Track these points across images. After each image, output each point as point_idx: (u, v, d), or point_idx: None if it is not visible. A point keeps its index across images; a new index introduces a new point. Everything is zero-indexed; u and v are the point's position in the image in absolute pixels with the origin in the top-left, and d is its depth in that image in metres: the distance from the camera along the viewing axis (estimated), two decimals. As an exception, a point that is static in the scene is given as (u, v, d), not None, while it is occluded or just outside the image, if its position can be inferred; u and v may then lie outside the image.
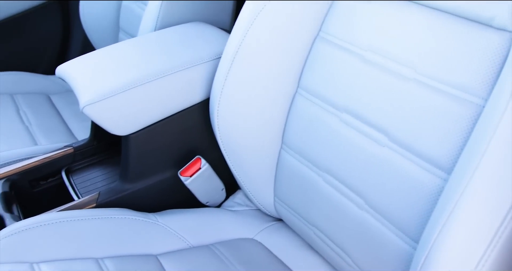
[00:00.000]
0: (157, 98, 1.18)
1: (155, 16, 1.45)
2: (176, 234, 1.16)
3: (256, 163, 1.16)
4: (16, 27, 2.10)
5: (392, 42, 0.92)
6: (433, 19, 0.87)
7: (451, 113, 0.82)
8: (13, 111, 1.73)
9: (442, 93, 0.83)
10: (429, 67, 0.86)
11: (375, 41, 0.95)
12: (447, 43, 0.84)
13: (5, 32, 2.08)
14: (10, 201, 1.28)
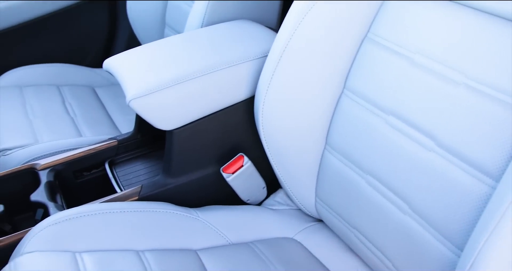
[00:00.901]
0: (202, 94, 1.18)
1: (202, 13, 1.46)
2: (216, 230, 1.16)
3: (299, 162, 1.16)
4: (65, 21, 2.13)
5: (442, 45, 0.91)
6: (485, 23, 0.85)
7: (501, 120, 0.80)
8: (59, 103, 1.76)
9: (492, 99, 0.82)
10: (480, 72, 0.84)
11: (424, 44, 0.94)
12: (498, 48, 0.83)
13: (54, 25, 2.12)
14: (54, 191, 1.30)
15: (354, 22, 1.06)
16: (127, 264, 1.03)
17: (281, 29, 1.12)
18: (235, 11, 1.48)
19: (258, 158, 1.25)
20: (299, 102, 1.12)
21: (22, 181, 1.34)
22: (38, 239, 1.06)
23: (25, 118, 1.65)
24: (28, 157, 1.45)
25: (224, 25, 1.40)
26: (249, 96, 1.23)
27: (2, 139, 1.54)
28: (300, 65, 1.10)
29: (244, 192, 1.26)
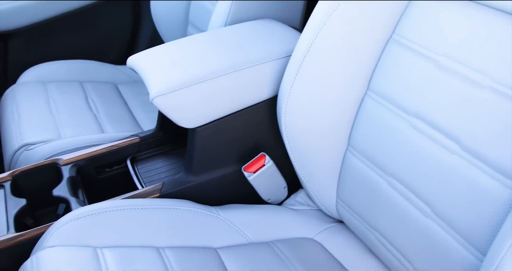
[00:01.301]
0: (226, 93, 1.18)
1: (226, 12, 1.46)
2: (237, 229, 1.16)
3: (320, 162, 1.16)
4: (89, 18, 2.15)
5: (468, 48, 0.90)
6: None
7: (528, 124, 0.80)
8: (82, 99, 1.77)
9: (519, 102, 0.81)
10: (506, 75, 0.83)
11: (450, 46, 0.93)
12: (526, 51, 0.82)
13: (78, 21, 2.14)
14: (76, 186, 1.31)
15: (379, 23, 1.06)
16: (148, 260, 1.03)
17: (306, 29, 1.12)
18: (259, 10, 1.48)
19: (280, 157, 1.25)
20: (322, 102, 1.12)
21: (44, 175, 1.35)
22: (60, 233, 1.07)
23: (48, 113, 1.67)
24: (50, 152, 1.46)
25: (248, 24, 1.40)
26: (272, 95, 1.22)
27: (26, 133, 1.55)
28: (324, 66, 1.09)
29: (265, 191, 1.26)
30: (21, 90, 1.81)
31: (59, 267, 0.99)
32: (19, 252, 1.13)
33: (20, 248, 1.14)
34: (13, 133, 1.58)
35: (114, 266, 1.01)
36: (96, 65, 2.04)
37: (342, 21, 1.06)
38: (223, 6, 1.47)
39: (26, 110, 1.69)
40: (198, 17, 1.76)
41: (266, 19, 1.44)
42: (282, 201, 1.31)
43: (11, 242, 1.14)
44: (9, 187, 1.29)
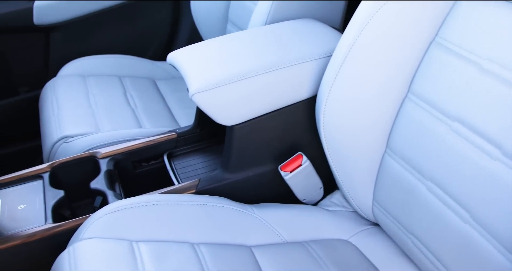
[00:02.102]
0: (265, 91, 1.18)
1: (267, 11, 1.46)
2: (271, 227, 1.16)
3: (358, 164, 1.15)
4: (130, 13, 2.17)
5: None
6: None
7: None
8: (120, 93, 1.79)
9: None
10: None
11: (494, 51, 0.92)
12: None
13: (118, 17, 2.16)
14: (113, 179, 1.33)
15: (422, 25, 1.04)
16: (182, 256, 1.04)
17: (347, 29, 1.11)
18: (299, 10, 1.47)
19: (317, 157, 1.24)
20: (362, 103, 1.11)
21: (82, 168, 1.37)
22: (96, 226, 1.09)
23: (87, 107, 1.69)
24: (89, 145, 1.48)
25: (288, 24, 1.40)
26: (311, 95, 1.22)
27: (65, 126, 1.58)
28: (364, 67, 1.09)
29: (301, 191, 1.25)
30: (61, 83, 1.84)
31: (95, 259, 1.00)
32: (56, 243, 1.15)
33: (57, 239, 1.16)
34: (53, 125, 1.61)
35: (149, 260, 1.02)
36: (135, 61, 2.05)
37: (385, 22, 1.05)
38: (264, 5, 1.48)
39: (65, 103, 1.71)
40: (238, 16, 1.77)
41: (306, 19, 1.43)
42: (318, 202, 1.31)
43: (48, 233, 1.16)
44: (48, 178, 1.31)
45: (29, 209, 1.23)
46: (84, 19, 2.10)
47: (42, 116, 1.74)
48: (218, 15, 1.87)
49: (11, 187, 1.31)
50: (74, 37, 2.14)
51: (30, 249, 1.15)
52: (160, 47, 2.27)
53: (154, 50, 2.26)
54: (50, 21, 2.04)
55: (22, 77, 2.17)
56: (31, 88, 2.18)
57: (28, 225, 1.18)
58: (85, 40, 2.16)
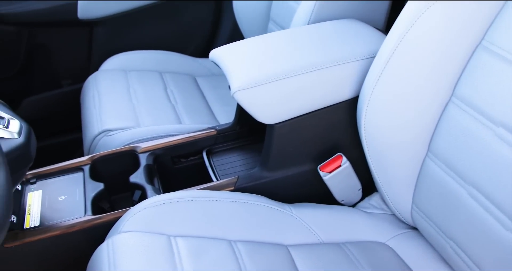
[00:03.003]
0: (307, 91, 1.18)
1: (310, 10, 1.45)
2: (309, 227, 1.16)
3: (398, 167, 1.14)
4: (172, 10, 2.19)
5: None
6: None
7: None
8: (161, 89, 1.81)
9: None
10: None
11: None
12: None
13: (161, 13, 2.18)
14: (152, 174, 1.34)
15: (469, 27, 1.03)
16: (219, 252, 1.05)
17: (392, 29, 1.10)
18: (342, 10, 1.46)
19: (356, 159, 1.23)
20: (404, 106, 1.09)
21: (122, 162, 1.38)
22: (135, 219, 1.10)
23: (128, 101, 1.70)
24: (129, 139, 1.49)
25: (331, 24, 1.39)
26: (353, 96, 1.21)
27: (106, 120, 1.59)
28: (408, 69, 1.07)
29: (339, 192, 1.25)
30: (103, 77, 1.86)
31: (133, 252, 1.02)
32: (95, 235, 1.17)
33: (96, 231, 1.17)
34: (94, 119, 1.63)
35: (186, 255, 1.03)
36: (176, 57, 2.07)
37: (431, 23, 1.03)
38: (307, 4, 1.47)
39: (107, 97, 1.73)
40: (280, 14, 1.76)
41: (349, 19, 1.42)
42: (356, 203, 1.30)
43: (88, 224, 1.17)
44: (88, 171, 1.33)
45: (69, 200, 1.25)
46: (127, 15, 2.12)
47: (83, 110, 1.77)
48: (260, 13, 1.87)
49: (52, 178, 1.33)
50: (117, 32, 2.16)
51: (69, 240, 1.17)
52: (201, 44, 2.28)
53: (195, 47, 2.27)
54: (94, 16, 2.07)
55: (65, 71, 2.21)
56: (73, 82, 2.21)
57: (68, 216, 1.20)
58: (128, 35, 2.18)
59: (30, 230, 1.17)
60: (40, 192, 1.28)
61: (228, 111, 1.71)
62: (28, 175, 1.33)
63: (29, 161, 1.16)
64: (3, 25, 2.03)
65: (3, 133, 1.11)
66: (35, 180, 1.32)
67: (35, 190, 1.29)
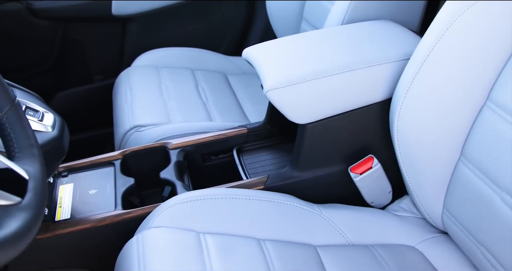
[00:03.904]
0: (339, 91, 1.18)
1: (344, 10, 1.45)
2: (338, 229, 1.15)
3: (430, 170, 1.13)
4: (204, 8, 2.19)
5: None
6: None
7: None
8: (192, 86, 1.81)
9: None
10: None
11: None
12: None
13: (193, 11, 2.19)
14: (182, 170, 1.35)
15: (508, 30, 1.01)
16: (248, 250, 1.05)
17: (428, 30, 1.08)
18: (377, 11, 1.45)
19: (387, 161, 1.23)
20: (438, 109, 1.08)
21: (153, 157, 1.39)
22: (165, 215, 1.10)
23: (160, 98, 1.71)
24: (160, 135, 1.50)
25: (365, 24, 1.39)
26: (386, 98, 1.20)
27: (138, 115, 1.61)
28: (443, 72, 1.06)
29: (369, 194, 1.24)
30: (135, 73, 1.88)
31: (163, 248, 1.02)
32: (124, 229, 1.18)
33: (125, 225, 1.18)
34: (126, 114, 1.64)
35: (215, 252, 1.03)
36: (208, 54, 2.08)
37: (470, 24, 1.01)
38: (341, 4, 1.46)
39: (139, 93, 1.74)
40: (314, 14, 1.76)
41: (384, 20, 1.41)
42: (386, 206, 1.29)
43: (118, 219, 1.18)
44: (119, 166, 1.34)
45: (100, 194, 1.27)
46: (160, 12, 2.14)
47: (115, 105, 1.78)
48: (293, 13, 1.87)
49: (83, 171, 1.35)
50: (150, 29, 2.18)
51: (99, 233, 1.18)
52: (233, 43, 2.29)
53: (227, 45, 2.28)
54: (128, 13, 2.09)
55: (97, 66, 2.23)
56: (105, 77, 2.24)
57: (99, 210, 1.21)
58: (160, 32, 2.20)
59: (61, 222, 1.18)
60: (72, 185, 1.30)
61: (258, 110, 1.71)
62: (60, 168, 1.35)
63: (62, 154, 1.17)
64: (39, 20, 2.06)
65: (37, 126, 1.12)
66: (67, 173, 1.33)
67: (67, 183, 1.31)
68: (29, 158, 0.83)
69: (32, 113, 1.16)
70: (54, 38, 2.12)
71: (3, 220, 0.69)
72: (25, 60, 2.13)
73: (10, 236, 0.66)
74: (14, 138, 0.84)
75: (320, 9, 1.70)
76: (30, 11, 2.03)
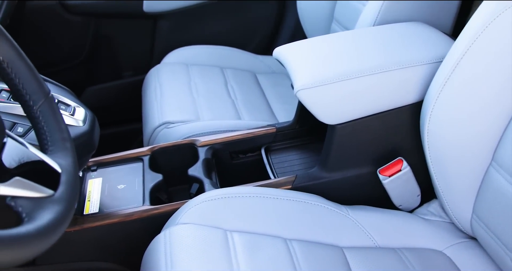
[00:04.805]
0: (370, 93, 1.17)
1: (376, 11, 1.44)
2: (365, 231, 1.15)
3: (460, 175, 1.11)
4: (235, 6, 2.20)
5: None
6: None
7: None
8: (221, 84, 1.82)
9: None
10: None
11: None
12: None
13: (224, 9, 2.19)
14: (210, 168, 1.35)
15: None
16: (274, 250, 1.05)
17: (463, 33, 1.07)
18: (409, 12, 1.44)
19: (416, 164, 1.22)
20: (470, 113, 1.07)
21: (181, 154, 1.40)
22: (193, 212, 1.11)
23: (189, 95, 1.72)
24: (189, 133, 1.50)
25: (397, 26, 1.38)
26: (417, 100, 1.19)
27: (167, 112, 1.61)
28: (476, 75, 1.05)
29: (397, 197, 1.23)
30: (165, 70, 1.89)
31: (190, 244, 1.03)
32: (151, 225, 1.18)
33: (153, 221, 1.19)
34: (155, 110, 1.65)
35: (242, 250, 1.03)
36: (238, 53, 2.08)
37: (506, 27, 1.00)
38: (373, 5, 1.46)
39: (168, 89, 1.75)
40: (344, 15, 1.75)
41: (416, 22, 1.40)
42: (414, 209, 1.28)
43: (146, 214, 1.19)
44: (147, 162, 1.35)
45: (128, 189, 1.27)
46: (191, 9, 2.15)
47: (144, 101, 1.79)
48: (324, 14, 1.86)
49: (112, 166, 1.36)
50: (180, 26, 2.19)
51: (127, 228, 1.19)
52: (263, 42, 2.29)
53: (256, 44, 2.28)
54: (159, 10, 2.10)
55: (127, 62, 2.25)
56: (134, 73, 2.25)
57: (127, 205, 1.22)
58: (190, 30, 2.21)
59: (89, 216, 1.19)
60: (100, 179, 1.31)
61: (286, 109, 1.71)
62: (89, 162, 1.36)
63: (92, 149, 1.18)
64: (71, 15, 2.09)
65: (69, 120, 1.14)
66: (96, 168, 1.35)
67: (96, 177, 1.32)
68: (62, 151, 0.84)
69: (64, 107, 1.17)
70: (86, 34, 2.14)
71: (36, 212, 0.70)
72: (57, 55, 2.16)
73: (43, 228, 0.67)
74: (47, 131, 0.85)
75: (351, 9, 1.69)
76: (63, 7, 2.05)
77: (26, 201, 0.70)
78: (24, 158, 0.77)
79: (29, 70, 0.87)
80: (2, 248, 0.60)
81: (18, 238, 0.62)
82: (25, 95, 0.86)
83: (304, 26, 2.00)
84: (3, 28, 0.86)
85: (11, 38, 0.86)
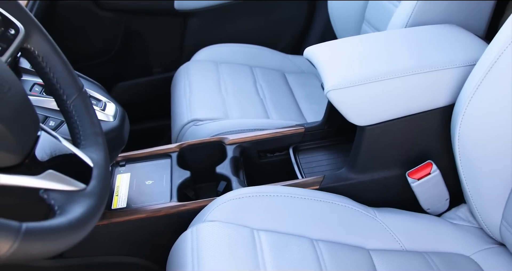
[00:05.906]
0: (401, 95, 1.16)
1: (408, 13, 1.42)
2: (392, 233, 1.14)
3: (490, 180, 1.10)
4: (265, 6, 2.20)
5: None
6: None
7: None
8: (251, 83, 1.82)
9: None
10: None
11: None
12: None
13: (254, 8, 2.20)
14: (238, 166, 1.35)
15: None
16: (301, 250, 1.05)
17: (497, 36, 1.06)
18: (442, 14, 1.43)
19: (446, 168, 1.20)
20: (502, 118, 1.05)
21: (209, 152, 1.41)
22: (220, 210, 1.11)
23: (218, 93, 1.73)
24: (217, 130, 1.51)
25: (429, 28, 1.36)
26: (448, 104, 1.18)
27: (196, 109, 1.62)
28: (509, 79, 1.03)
29: (426, 200, 1.22)
30: (194, 68, 1.89)
31: (217, 242, 1.03)
32: (178, 221, 1.19)
33: (180, 218, 1.19)
34: (184, 107, 1.66)
35: (268, 249, 1.03)
36: (267, 52, 2.08)
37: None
38: (406, 6, 1.44)
39: (197, 87, 1.76)
40: (376, 16, 1.74)
41: (449, 24, 1.39)
42: (442, 213, 1.27)
43: (173, 210, 1.20)
44: (175, 158, 1.36)
45: (156, 185, 1.28)
46: (221, 7, 2.15)
47: (173, 98, 1.80)
48: (355, 14, 1.85)
49: (141, 162, 1.37)
50: (210, 24, 2.20)
51: (154, 224, 1.20)
52: (293, 41, 2.29)
53: (286, 43, 2.28)
54: (190, 7, 2.11)
55: (157, 59, 2.27)
56: (164, 70, 2.27)
57: (154, 201, 1.23)
58: (220, 28, 2.21)
59: (117, 210, 1.20)
60: (129, 174, 1.32)
61: (315, 109, 1.71)
62: (118, 157, 1.37)
63: (122, 144, 1.19)
64: (102, 11, 2.11)
65: (100, 115, 1.15)
66: (125, 163, 1.36)
67: (124, 172, 1.33)
68: (94, 145, 0.85)
69: (95, 102, 1.18)
70: (117, 30, 2.16)
71: (68, 205, 0.70)
72: (89, 51, 2.18)
73: (75, 221, 0.67)
74: (80, 126, 0.86)
75: (383, 10, 1.68)
76: (95, 3, 2.07)
77: (59, 194, 0.71)
78: (56, 151, 0.78)
79: (64, 65, 0.88)
80: (34, 240, 0.60)
81: (50, 231, 0.63)
82: (59, 89, 0.87)
83: (334, 26, 2.00)
84: (39, 24, 0.87)
85: (47, 33, 0.88)
